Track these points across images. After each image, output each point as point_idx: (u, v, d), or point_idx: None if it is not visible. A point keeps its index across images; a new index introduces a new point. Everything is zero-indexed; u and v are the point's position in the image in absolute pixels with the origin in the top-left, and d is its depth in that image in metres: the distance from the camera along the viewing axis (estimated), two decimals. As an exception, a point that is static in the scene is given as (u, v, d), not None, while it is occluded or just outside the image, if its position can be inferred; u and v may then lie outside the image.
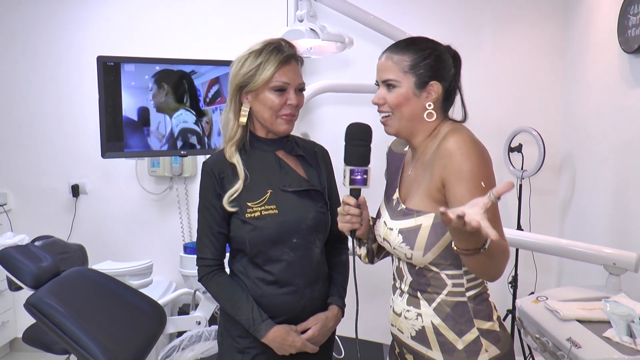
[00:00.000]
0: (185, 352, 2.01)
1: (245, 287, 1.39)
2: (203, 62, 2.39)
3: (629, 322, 1.52)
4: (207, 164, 1.41)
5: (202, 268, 1.43)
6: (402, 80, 1.20)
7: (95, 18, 3.11)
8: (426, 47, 1.21)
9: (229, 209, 1.36)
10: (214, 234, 1.40)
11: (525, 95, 3.04)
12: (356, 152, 1.27)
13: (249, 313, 1.35)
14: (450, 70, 1.22)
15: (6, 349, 3.25)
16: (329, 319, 1.43)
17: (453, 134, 1.14)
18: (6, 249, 1.99)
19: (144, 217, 3.23)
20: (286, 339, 1.35)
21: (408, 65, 1.20)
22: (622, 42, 2.31)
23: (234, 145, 1.39)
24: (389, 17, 2.49)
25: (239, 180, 1.36)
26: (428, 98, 1.20)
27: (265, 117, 1.37)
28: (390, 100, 1.22)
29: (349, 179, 1.25)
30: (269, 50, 1.34)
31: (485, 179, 1.10)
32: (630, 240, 2.26)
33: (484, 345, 1.18)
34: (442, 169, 1.13)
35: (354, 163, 1.26)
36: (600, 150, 2.58)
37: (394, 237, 1.21)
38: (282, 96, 1.35)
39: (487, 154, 1.15)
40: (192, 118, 2.36)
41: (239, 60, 1.38)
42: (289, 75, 1.35)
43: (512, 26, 3.03)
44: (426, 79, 1.19)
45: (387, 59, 1.23)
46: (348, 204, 1.26)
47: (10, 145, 3.23)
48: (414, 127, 1.23)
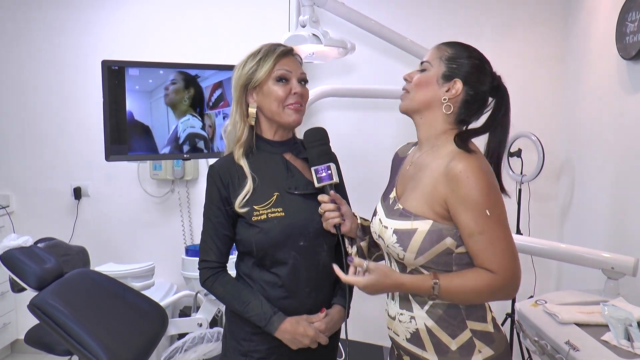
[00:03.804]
0: (188, 353, 2.02)
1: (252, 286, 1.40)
2: (206, 66, 2.41)
3: (626, 325, 1.54)
4: (214, 167, 1.42)
5: (205, 271, 1.42)
6: (434, 65, 1.24)
7: (100, 22, 3.14)
8: (472, 53, 1.25)
9: (240, 211, 1.36)
10: (219, 236, 1.40)
11: (524, 101, 3.06)
12: (314, 152, 1.37)
13: (258, 308, 1.35)
14: (483, 85, 1.23)
15: (7, 350, 3.26)
16: (333, 315, 1.42)
17: (464, 158, 1.15)
18: (10, 250, 2.00)
19: (145, 219, 3.24)
20: (298, 329, 1.34)
21: (446, 56, 1.24)
22: (621, 48, 2.33)
23: (242, 147, 1.40)
24: (391, 23, 2.51)
25: (248, 182, 1.37)
26: (447, 93, 1.22)
27: (273, 110, 1.38)
28: (415, 78, 1.26)
29: (316, 178, 1.34)
30: (266, 48, 1.40)
31: (490, 207, 1.12)
32: (629, 245, 2.27)
33: (477, 346, 1.20)
34: (449, 192, 1.14)
35: (315, 163, 1.36)
36: (599, 155, 2.60)
37: (389, 235, 1.22)
38: (285, 86, 1.37)
39: (495, 181, 1.17)
40: (199, 124, 2.39)
41: (240, 64, 1.42)
42: (290, 65, 1.39)
43: (511, 33, 3.05)
44: (454, 74, 1.22)
45: (435, 46, 1.28)
46: (322, 201, 1.33)
47: (13, 147, 3.25)
48: (423, 111, 1.26)
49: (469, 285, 1.14)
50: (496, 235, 1.13)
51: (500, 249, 1.13)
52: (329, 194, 1.34)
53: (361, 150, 3.09)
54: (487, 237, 1.12)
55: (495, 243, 1.12)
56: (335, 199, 1.33)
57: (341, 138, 2.27)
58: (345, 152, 1.73)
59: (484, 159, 1.19)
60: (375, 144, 3.09)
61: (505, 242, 1.14)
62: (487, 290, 1.14)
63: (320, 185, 1.34)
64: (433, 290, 1.14)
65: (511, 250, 1.14)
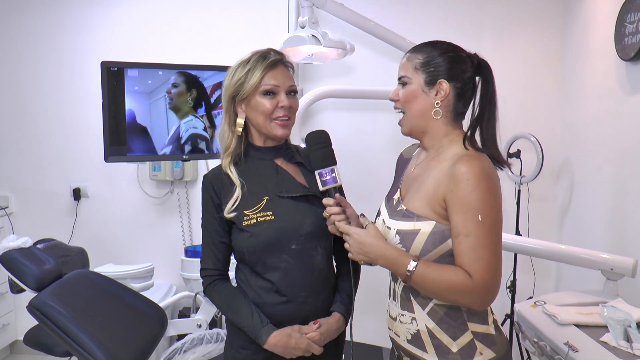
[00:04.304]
0: (187, 354, 2.02)
1: (247, 295, 1.39)
2: (206, 67, 2.41)
3: (625, 326, 1.54)
4: (207, 177, 1.42)
5: (205, 278, 1.42)
6: (412, 77, 1.23)
7: (99, 23, 3.14)
8: (442, 47, 1.24)
9: (229, 216, 1.36)
10: (215, 244, 1.40)
11: (523, 102, 3.07)
12: (318, 156, 1.33)
13: (249, 319, 1.34)
14: (466, 73, 1.23)
15: (6, 351, 3.25)
16: (330, 324, 1.39)
17: (468, 160, 1.14)
18: (9, 251, 2.00)
19: (145, 220, 3.24)
20: (289, 343, 1.33)
21: (420, 63, 1.23)
22: (619, 49, 2.33)
23: (230, 156, 1.41)
24: (390, 24, 2.51)
25: (237, 189, 1.37)
26: (437, 96, 1.22)
27: (260, 123, 1.38)
28: (400, 95, 1.25)
29: (321, 181, 1.32)
30: (256, 57, 1.37)
31: (484, 213, 1.10)
32: (628, 246, 2.28)
33: (478, 348, 1.19)
34: (448, 191, 1.14)
35: (319, 166, 1.32)
36: (598, 156, 2.61)
37: (392, 237, 1.22)
38: (273, 99, 1.36)
39: (497, 186, 1.15)
40: (201, 125, 2.40)
41: (230, 71, 1.40)
42: (278, 78, 1.37)
43: (510, 33, 3.06)
44: (436, 77, 1.21)
45: (405, 58, 1.27)
46: (328, 205, 1.31)
47: (13, 148, 3.25)
48: (424, 125, 1.24)
49: (443, 280, 1.12)
50: (482, 242, 1.10)
51: (482, 256, 1.10)
52: (333, 197, 1.31)
53: (360, 151, 3.09)
54: (472, 242, 1.10)
55: (478, 249, 1.10)
56: (340, 201, 1.32)
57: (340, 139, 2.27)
58: (344, 153, 1.73)
59: (489, 162, 1.18)
60: (374, 145, 3.09)
61: (489, 251, 1.11)
62: (458, 292, 1.12)
63: (325, 188, 1.32)
64: (407, 275, 1.15)
65: (494, 261, 1.11)
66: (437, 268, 1.14)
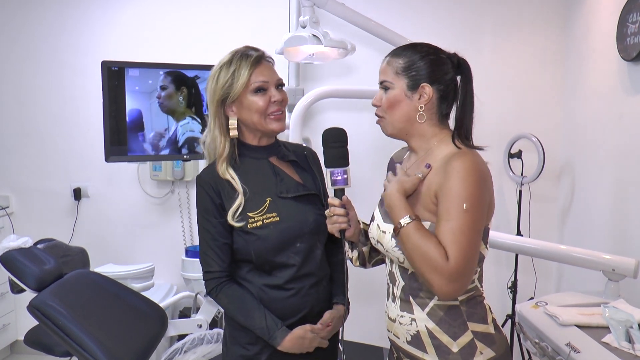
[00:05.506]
0: (188, 354, 2.02)
1: (253, 294, 1.39)
2: (206, 67, 2.40)
3: (627, 327, 1.53)
4: (202, 177, 1.40)
5: (210, 282, 1.40)
6: (395, 81, 1.23)
7: (101, 23, 3.13)
8: (422, 50, 1.24)
9: (235, 224, 1.35)
10: (219, 245, 1.38)
11: (525, 102, 3.06)
12: (333, 154, 1.32)
13: (262, 322, 1.35)
14: (447, 74, 1.23)
15: (7, 351, 3.25)
16: (337, 319, 1.43)
17: (461, 156, 1.16)
18: (10, 251, 2.00)
19: (145, 220, 3.24)
20: (303, 344, 1.36)
21: (401, 67, 1.23)
22: (621, 49, 2.33)
23: (225, 162, 1.39)
24: (391, 23, 2.51)
25: (239, 196, 1.36)
26: (420, 100, 1.22)
27: (255, 121, 1.38)
28: (383, 101, 1.26)
29: (331, 180, 1.32)
30: (237, 57, 1.38)
31: (469, 204, 1.11)
32: (629, 247, 2.27)
33: (478, 348, 1.20)
34: (440, 186, 1.15)
35: (333, 165, 1.32)
36: (599, 156, 2.60)
37: (387, 240, 1.22)
38: (264, 96, 1.37)
39: (487, 183, 1.16)
40: (198, 127, 2.39)
41: (212, 76, 1.39)
42: (265, 74, 1.38)
43: (512, 33, 3.05)
44: (418, 81, 1.21)
45: (385, 62, 1.27)
46: (333, 205, 1.31)
47: (13, 148, 3.25)
48: (409, 129, 1.25)
49: (423, 248, 1.11)
50: (463, 229, 1.10)
51: (460, 242, 1.10)
52: (340, 197, 1.31)
53: (360, 151, 3.08)
54: (452, 226, 1.10)
55: (457, 235, 1.10)
56: (345, 204, 1.32)
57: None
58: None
59: (481, 159, 1.19)
60: (375, 145, 3.08)
61: (467, 240, 1.11)
62: (430, 265, 1.10)
63: (334, 187, 1.32)
64: (397, 227, 1.17)
65: (470, 251, 1.11)
66: (425, 235, 1.13)
